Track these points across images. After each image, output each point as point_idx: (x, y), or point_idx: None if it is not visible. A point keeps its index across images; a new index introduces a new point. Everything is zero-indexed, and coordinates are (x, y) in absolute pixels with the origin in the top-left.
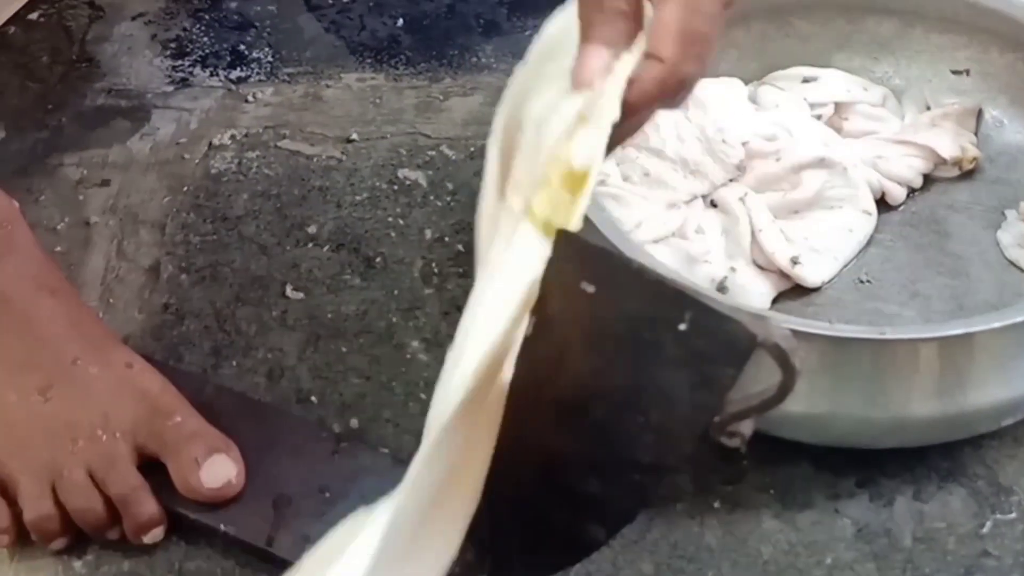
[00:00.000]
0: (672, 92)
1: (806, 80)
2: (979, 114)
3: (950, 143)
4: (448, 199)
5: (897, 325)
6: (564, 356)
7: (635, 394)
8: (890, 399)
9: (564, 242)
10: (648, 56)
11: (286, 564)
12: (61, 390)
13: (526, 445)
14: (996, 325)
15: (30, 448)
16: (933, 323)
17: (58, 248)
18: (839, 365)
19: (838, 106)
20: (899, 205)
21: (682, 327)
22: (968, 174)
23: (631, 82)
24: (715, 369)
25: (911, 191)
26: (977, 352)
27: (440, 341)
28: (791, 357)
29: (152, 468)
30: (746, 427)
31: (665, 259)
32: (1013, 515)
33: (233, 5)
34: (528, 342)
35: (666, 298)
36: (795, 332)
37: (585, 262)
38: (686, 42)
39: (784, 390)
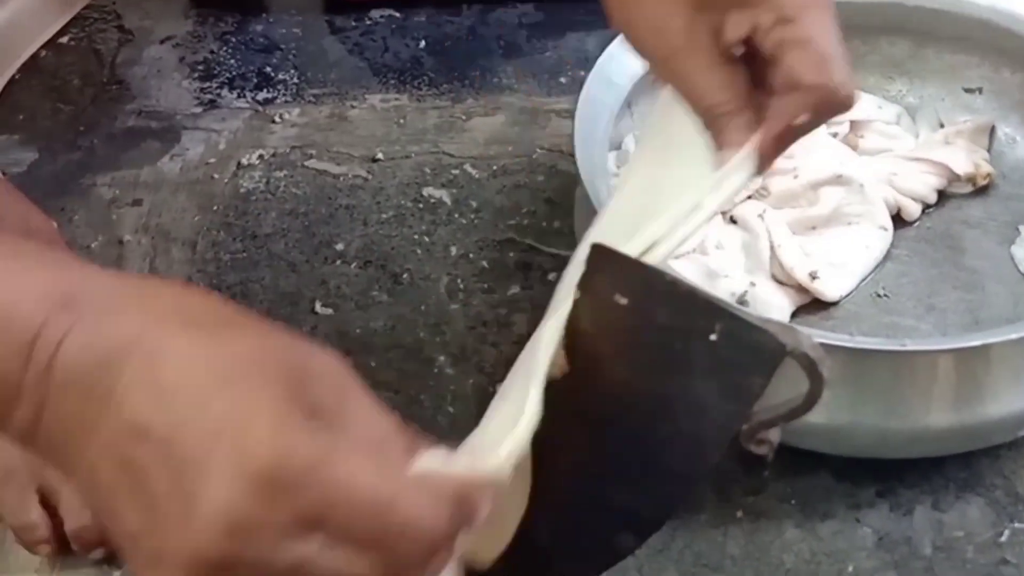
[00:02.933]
0: (825, 106)
1: None
2: (992, 131)
3: (963, 160)
4: (472, 216)
5: (914, 339)
6: (598, 367)
7: (667, 403)
8: (909, 410)
9: (598, 255)
10: (785, 90)
11: None
12: None
13: (559, 454)
14: (1013, 337)
15: None
16: (951, 336)
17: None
18: (860, 377)
19: (853, 124)
20: (914, 221)
21: (713, 337)
22: (981, 190)
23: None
24: (744, 378)
25: (926, 207)
26: (994, 364)
27: (466, 355)
28: (819, 366)
29: None
30: (774, 435)
31: (687, 274)
32: None
33: (259, 28)
34: (563, 353)
35: (697, 309)
36: None
37: (618, 275)
38: (819, 64)
39: (812, 398)
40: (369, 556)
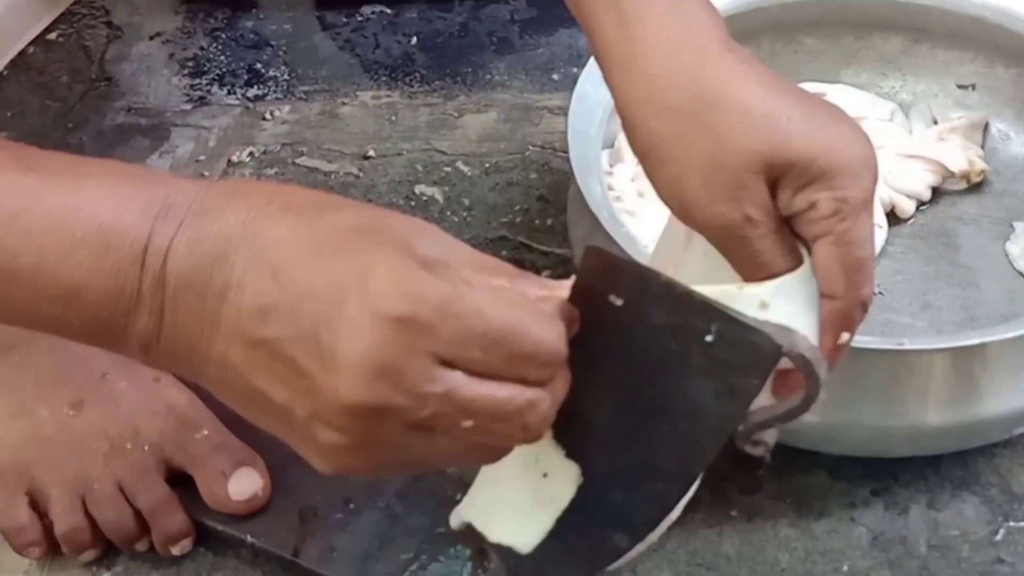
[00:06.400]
0: (855, 320)
1: None
2: (985, 127)
3: (958, 156)
4: (464, 214)
5: (909, 336)
6: (593, 367)
7: (662, 404)
8: (906, 409)
9: (593, 256)
10: (824, 297)
11: (312, 574)
12: (91, 404)
13: None
14: (1010, 335)
15: (61, 462)
16: (948, 334)
17: None
18: (856, 375)
19: None
20: (909, 218)
21: (708, 338)
22: (976, 187)
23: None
24: (740, 379)
25: (920, 204)
26: (991, 362)
27: None
28: (815, 367)
29: (180, 481)
30: (770, 436)
31: None
32: None
33: (249, 24)
34: None
35: (693, 310)
36: None
37: (613, 275)
38: (851, 273)
39: (808, 399)
40: (507, 382)
